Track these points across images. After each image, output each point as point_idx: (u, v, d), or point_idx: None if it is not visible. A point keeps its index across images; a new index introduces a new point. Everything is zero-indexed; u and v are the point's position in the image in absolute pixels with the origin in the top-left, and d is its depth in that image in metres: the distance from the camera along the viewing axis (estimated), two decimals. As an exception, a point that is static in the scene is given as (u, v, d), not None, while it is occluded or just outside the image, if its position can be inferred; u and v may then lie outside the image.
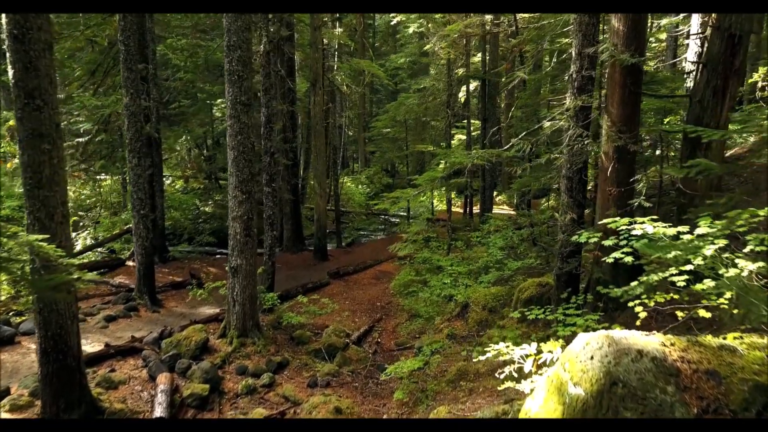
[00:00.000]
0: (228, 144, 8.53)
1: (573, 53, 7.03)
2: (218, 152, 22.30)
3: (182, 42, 17.20)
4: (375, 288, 13.37)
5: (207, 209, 19.34)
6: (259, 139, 12.03)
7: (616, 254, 4.14)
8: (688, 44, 13.90)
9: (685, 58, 13.22)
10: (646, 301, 4.10)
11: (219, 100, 20.00)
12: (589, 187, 9.38)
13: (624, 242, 4.26)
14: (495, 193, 25.07)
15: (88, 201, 15.93)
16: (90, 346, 8.68)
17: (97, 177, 14.69)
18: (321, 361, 8.90)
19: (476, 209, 23.70)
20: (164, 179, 25.85)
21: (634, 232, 3.69)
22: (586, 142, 6.68)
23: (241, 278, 8.88)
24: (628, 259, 4.21)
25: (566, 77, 7.05)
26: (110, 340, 8.94)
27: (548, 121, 6.69)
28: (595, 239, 4.57)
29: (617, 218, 3.86)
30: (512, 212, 24.62)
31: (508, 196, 27.64)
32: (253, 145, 8.60)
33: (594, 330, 5.87)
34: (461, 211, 24.36)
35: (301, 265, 15.18)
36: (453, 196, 21.91)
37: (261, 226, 16.86)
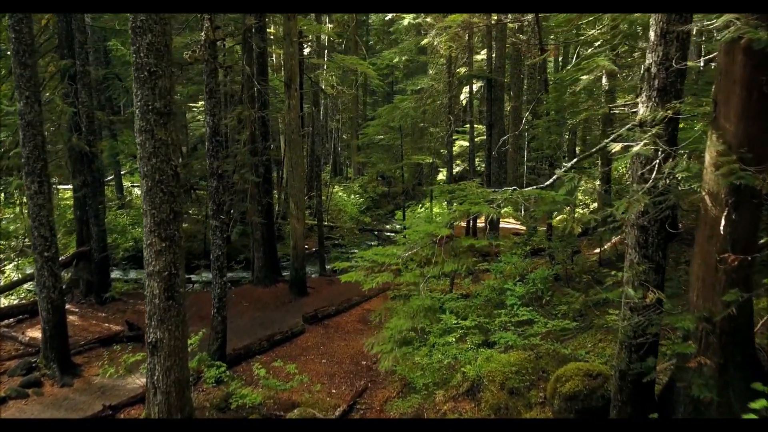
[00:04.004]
0: (139, 170, 5.99)
1: (651, 35, 4.49)
2: (193, 159, 20.09)
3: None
4: (361, 337, 10.76)
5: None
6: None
7: None
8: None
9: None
10: None
11: (200, 102, 18.37)
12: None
13: None
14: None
15: (11, 227, 13.35)
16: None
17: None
18: (277, 471, 6.33)
19: (480, 222, 21.28)
20: (136, 189, 23.50)
21: None
22: (679, 177, 4.13)
23: (163, 357, 6.30)
24: None
25: (640, 74, 4.53)
26: (-21, 445, 6.35)
27: (618, 142, 4.13)
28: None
29: None
30: (521, 227, 22.18)
31: (515, 209, 25.17)
32: (176, 171, 6.04)
33: None
34: (463, 224, 21.88)
35: (273, 303, 12.58)
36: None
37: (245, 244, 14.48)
